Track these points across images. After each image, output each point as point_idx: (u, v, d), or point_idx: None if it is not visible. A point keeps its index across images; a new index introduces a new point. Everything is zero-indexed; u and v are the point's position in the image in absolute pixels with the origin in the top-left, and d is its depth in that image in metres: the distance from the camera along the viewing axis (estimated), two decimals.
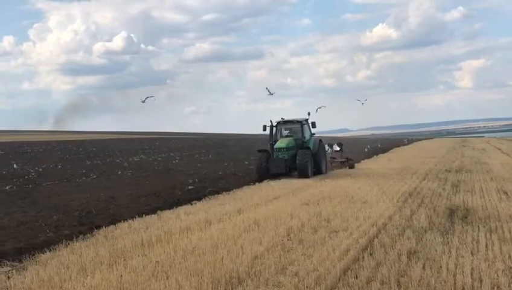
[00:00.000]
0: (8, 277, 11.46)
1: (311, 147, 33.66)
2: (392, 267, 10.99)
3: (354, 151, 52.30)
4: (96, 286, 10.31)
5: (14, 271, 12.01)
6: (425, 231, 14.57)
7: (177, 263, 11.87)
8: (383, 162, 45.12)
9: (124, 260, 12.42)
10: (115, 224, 17.03)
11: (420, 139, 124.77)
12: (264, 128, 34.54)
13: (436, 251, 12.48)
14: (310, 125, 35.01)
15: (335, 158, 40.80)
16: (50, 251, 13.77)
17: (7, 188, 29.27)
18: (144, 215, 18.61)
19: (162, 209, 19.84)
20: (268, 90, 42.83)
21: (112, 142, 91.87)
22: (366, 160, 47.84)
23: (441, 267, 11.20)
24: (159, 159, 52.64)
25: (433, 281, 10.09)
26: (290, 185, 28.01)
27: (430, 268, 11.09)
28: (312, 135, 35.18)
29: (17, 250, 13.74)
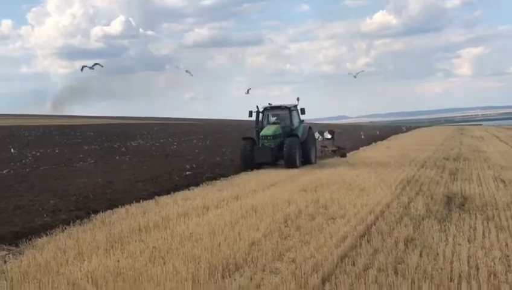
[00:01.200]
0: (5, 261, 11.44)
1: (300, 135, 31.48)
2: (389, 255, 10.99)
3: (351, 138, 52.34)
4: (93, 271, 10.30)
5: (10, 255, 12.00)
6: (423, 219, 14.57)
7: (174, 248, 11.86)
8: (381, 149, 45.11)
9: (121, 245, 12.41)
10: (112, 209, 17.00)
11: (418, 127, 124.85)
12: (250, 114, 32.37)
13: (433, 238, 12.48)
14: (299, 111, 32.94)
15: (326, 147, 38.64)
16: (47, 235, 13.75)
17: (4, 172, 29.25)
18: (141, 200, 18.57)
19: (159, 195, 19.81)
20: (248, 91, 41.41)
21: (109, 127, 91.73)
22: (364, 147, 47.83)
23: (437, 254, 11.20)
24: (157, 144, 52.61)
25: (430, 269, 10.08)
26: (287, 171, 27.97)
27: (427, 256, 11.08)
28: (301, 121, 33.05)
29: (14, 234, 13.72)
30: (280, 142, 30.66)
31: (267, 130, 31.14)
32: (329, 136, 40.09)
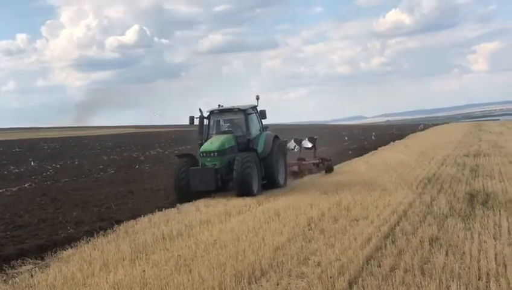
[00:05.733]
0: (31, 275, 11.50)
1: (261, 148, 22.95)
2: (415, 255, 10.92)
3: (363, 139, 52.03)
4: (120, 282, 10.33)
5: (36, 269, 12.06)
6: (446, 217, 14.46)
7: (199, 256, 11.87)
8: (400, 148, 44.85)
9: (146, 254, 12.44)
10: (134, 219, 17.04)
11: (436, 125, 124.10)
12: (191, 120, 23.54)
13: (458, 236, 12.39)
14: (259, 115, 24.27)
15: (304, 159, 29.60)
16: (71, 247, 13.82)
17: (26, 185, 29.46)
18: (163, 209, 18.61)
19: (181, 203, 19.82)
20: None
21: (127, 136, 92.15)
22: (382, 147, 47.59)
23: (464, 253, 11.12)
24: (176, 152, 52.74)
25: (457, 268, 10.01)
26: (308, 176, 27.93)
27: (453, 254, 11.00)
28: (263, 129, 24.26)
29: (39, 247, 13.79)
30: (229, 160, 21.97)
31: (210, 145, 22.20)
32: (309, 145, 30.87)
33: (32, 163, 45.30)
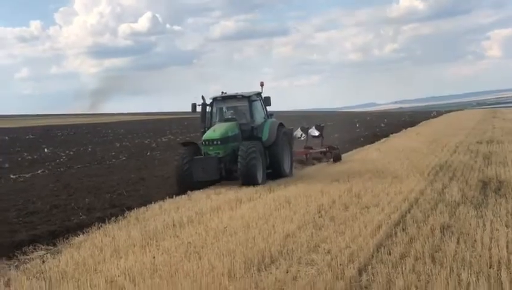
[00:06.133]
0: (43, 261, 11.58)
1: (265, 136, 22.38)
2: (425, 243, 10.88)
3: (375, 126, 51.85)
4: (130, 268, 10.38)
5: (48, 255, 12.14)
6: (458, 205, 14.38)
7: (209, 243, 11.90)
8: (412, 135, 44.68)
9: (156, 241, 12.48)
10: (145, 205, 17.10)
11: (449, 111, 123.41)
12: (194, 108, 23.05)
13: (470, 224, 12.31)
14: (263, 101, 23.50)
15: (311, 148, 29.08)
16: (83, 233, 13.90)
17: (39, 172, 29.64)
18: (174, 196, 18.64)
19: (191, 190, 19.84)
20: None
21: (139, 123, 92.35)
22: (394, 134, 47.44)
23: (475, 241, 11.05)
24: (187, 138, 52.79)
25: (468, 256, 9.96)
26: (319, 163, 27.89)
27: (465, 242, 10.94)
28: (268, 116, 23.65)
29: (51, 233, 13.88)
30: (233, 149, 21.42)
31: (213, 132, 21.69)
32: (316, 134, 30.16)
33: (45, 150, 45.55)
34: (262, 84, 23.90)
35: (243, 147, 20.88)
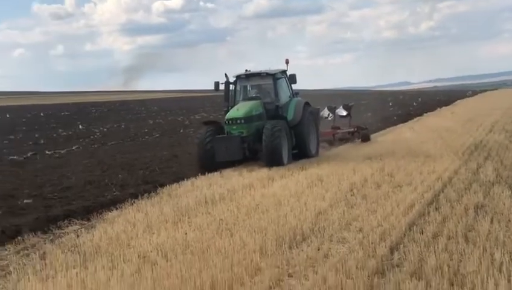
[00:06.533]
0: (78, 235, 11.74)
1: (291, 116, 21.61)
2: (459, 222, 10.77)
3: (409, 105, 51.21)
4: (163, 244, 10.46)
5: (83, 229, 12.31)
6: (493, 185, 14.19)
7: (240, 220, 11.94)
8: (446, 115, 44.23)
9: (188, 217, 12.56)
10: (178, 182, 17.19)
11: (485, 91, 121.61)
12: (217, 86, 22.49)
13: (504, 204, 12.14)
14: (288, 79, 22.66)
15: (339, 128, 28.13)
16: (116, 209, 14.04)
17: (74, 148, 30.03)
18: (206, 173, 18.69)
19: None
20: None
21: (173, 100, 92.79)
22: (428, 113, 46.97)
23: (509, 221, 10.89)
24: (220, 116, 52.91)
25: (502, 236, 9.82)
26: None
27: (499, 222, 10.80)
28: (294, 95, 22.93)
29: (85, 208, 14.05)
30: (257, 128, 20.63)
31: (236, 111, 20.97)
32: (344, 113, 29.03)
33: (80, 126, 46.10)
34: (287, 62, 23.11)
35: (268, 126, 20.11)
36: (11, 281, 9.08)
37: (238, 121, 20.54)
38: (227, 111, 21.46)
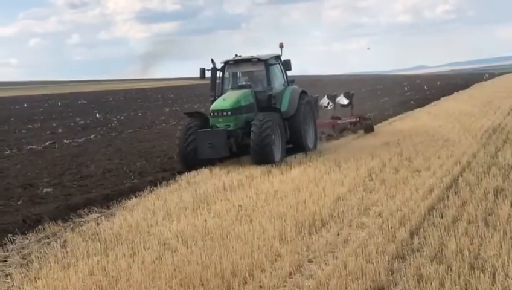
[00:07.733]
0: (98, 223, 11.83)
1: (285, 106, 19.27)
2: (478, 206, 10.74)
3: (426, 89, 50.66)
4: (182, 231, 10.52)
5: (102, 217, 12.40)
6: None
7: (259, 206, 11.97)
8: (464, 98, 43.94)
9: (207, 204, 12.62)
10: (196, 169, 17.23)
11: (502, 74, 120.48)
12: (202, 73, 20.00)
13: None
14: (283, 66, 20.34)
15: (339, 118, 25.33)
16: (136, 196, 14.11)
17: (92, 137, 30.15)
18: (224, 160, 18.31)
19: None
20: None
21: (189, 88, 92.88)
22: (446, 97, 46.67)
23: None
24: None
25: None
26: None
27: None
28: (289, 83, 20.36)
29: (105, 197, 14.15)
30: (247, 121, 18.22)
31: (223, 101, 18.45)
32: (345, 102, 26.36)
33: (97, 115, 46.26)
34: (281, 46, 20.63)
35: (257, 120, 17.63)
36: (33, 269, 9.17)
37: (225, 113, 18.10)
38: (214, 101, 19.03)
